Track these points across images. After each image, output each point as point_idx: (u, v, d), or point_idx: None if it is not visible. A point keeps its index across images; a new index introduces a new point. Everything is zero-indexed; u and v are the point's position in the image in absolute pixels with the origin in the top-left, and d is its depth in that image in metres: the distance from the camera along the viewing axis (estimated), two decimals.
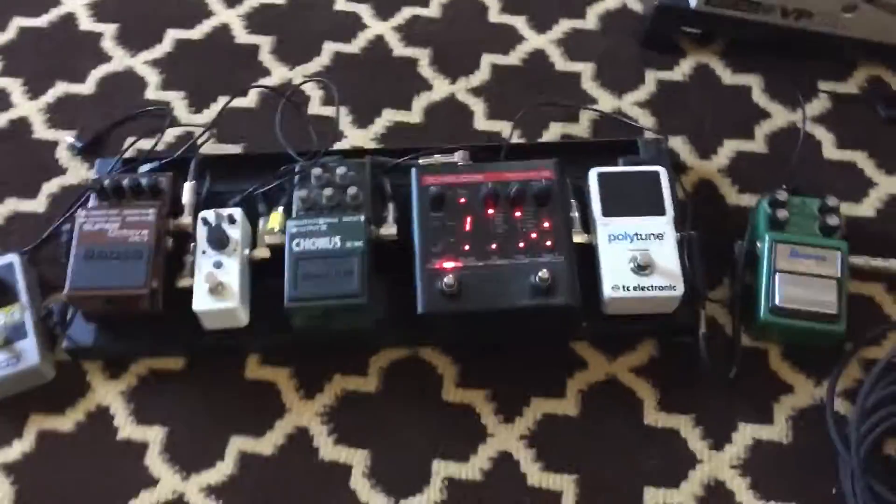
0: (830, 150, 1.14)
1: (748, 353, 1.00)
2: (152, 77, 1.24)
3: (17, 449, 0.98)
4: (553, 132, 1.16)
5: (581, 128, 1.17)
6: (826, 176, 1.12)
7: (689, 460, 0.95)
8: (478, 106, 1.19)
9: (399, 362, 1.02)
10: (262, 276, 1.02)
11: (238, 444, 0.97)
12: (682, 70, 1.21)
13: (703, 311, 0.98)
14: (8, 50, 1.27)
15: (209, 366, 1.02)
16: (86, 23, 1.29)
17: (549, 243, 0.97)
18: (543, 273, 0.94)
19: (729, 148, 1.14)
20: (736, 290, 1.00)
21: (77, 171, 1.16)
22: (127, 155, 1.13)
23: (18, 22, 1.30)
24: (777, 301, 0.96)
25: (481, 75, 1.22)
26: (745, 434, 0.96)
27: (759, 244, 1.00)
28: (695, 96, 1.18)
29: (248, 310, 0.99)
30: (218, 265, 0.98)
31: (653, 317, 0.99)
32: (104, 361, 1.03)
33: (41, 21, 1.30)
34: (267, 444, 0.97)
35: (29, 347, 0.99)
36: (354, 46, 1.25)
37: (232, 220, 1.00)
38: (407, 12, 1.28)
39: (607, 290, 0.96)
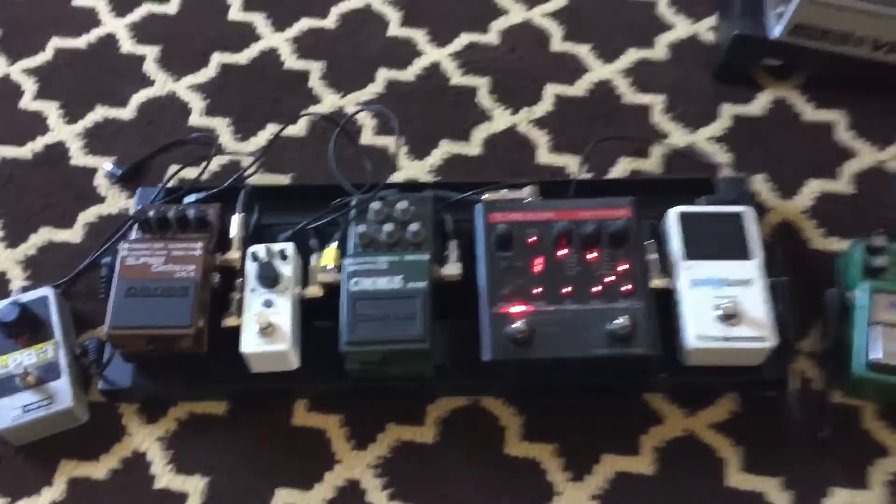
0: None
1: (839, 411, 0.92)
2: (196, 102, 1.18)
3: (47, 497, 0.91)
4: (622, 167, 1.09)
5: (652, 163, 1.10)
6: None
7: None
8: (541, 138, 1.13)
9: (458, 411, 0.94)
10: (313, 315, 0.95)
11: (284, 497, 0.90)
12: (759, 104, 1.14)
13: (793, 365, 0.90)
14: (45, 72, 1.22)
15: (254, 411, 0.95)
16: (127, 45, 1.24)
17: (626, 288, 0.90)
18: (622, 320, 0.86)
19: (812, 188, 1.06)
20: (828, 343, 0.92)
21: (116, 200, 1.10)
22: (170, 184, 1.07)
23: (56, 42, 1.24)
24: (875, 356, 0.88)
25: (544, 106, 1.15)
26: (838, 500, 0.88)
27: (853, 293, 0.92)
28: (774, 132, 1.11)
29: (299, 352, 0.92)
30: (268, 304, 0.91)
31: (736, 369, 0.91)
32: (141, 404, 0.96)
33: (80, 42, 1.24)
34: (315, 498, 0.90)
35: (62, 388, 0.92)
36: (409, 73, 1.19)
37: (283, 257, 0.93)
38: (465, 39, 1.22)
39: (691, 340, 0.88)
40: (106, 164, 1.12)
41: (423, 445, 0.92)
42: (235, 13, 1.26)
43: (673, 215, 0.95)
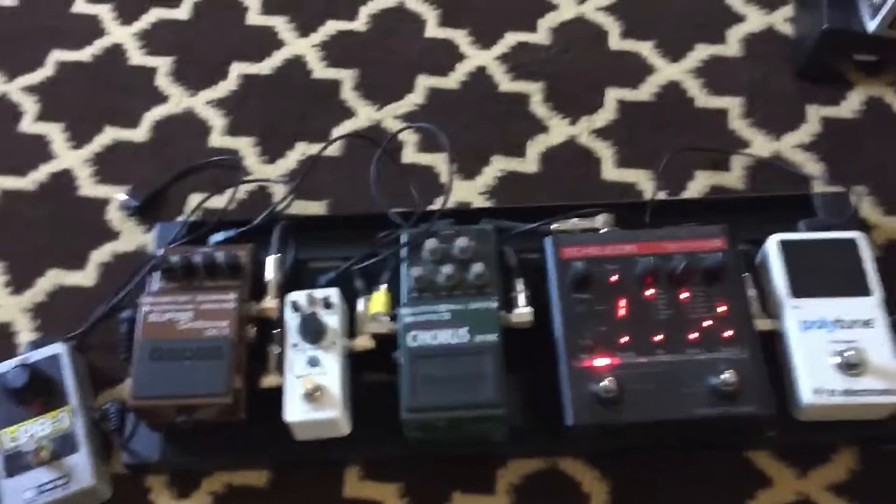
0: None
1: None
2: (216, 120, 1.05)
3: None
4: (700, 183, 0.97)
5: (734, 177, 0.97)
6: None
7: None
8: (605, 151, 1.00)
9: (533, 477, 0.82)
10: (361, 366, 0.83)
11: None
12: (850, 105, 1.01)
13: None
14: (46, 89, 1.09)
15: (300, 480, 0.83)
16: (136, 56, 1.11)
17: (728, 333, 0.78)
18: (728, 375, 0.74)
19: None
20: None
21: (132, 236, 0.98)
22: (192, 218, 0.95)
23: (57, 55, 1.11)
24: None
25: (606, 114, 1.03)
26: None
27: None
28: (869, 136, 0.99)
29: (351, 416, 0.80)
30: (314, 362, 0.79)
31: (856, 422, 0.79)
32: (171, 475, 0.84)
33: (84, 54, 1.12)
34: None
35: (81, 463, 0.80)
36: (452, 80, 1.06)
37: (328, 305, 0.81)
38: (511, 39, 1.09)
39: (807, 395, 0.76)
40: (119, 195, 1.00)
41: None
42: (255, 17, 1.13)
43: (773, 245, 0.83)
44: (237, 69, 1.09)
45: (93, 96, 1.08)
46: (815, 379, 0.76)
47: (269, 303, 0.83)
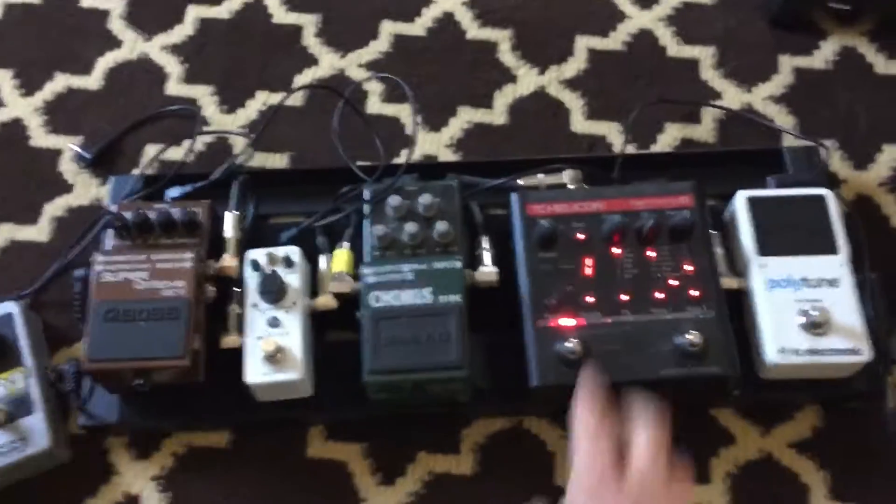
0: None
1: None
2: (173, 67, 1.01)
3: None
4: (669, 136, 0.95)
5: (704, 130, 0.95)
6: None
7: None
8: (574, 102, 0.98)
9: (499, 436, 0.82)
10: (324, 325, 0.82)
11: None
12: (823, 55, 0.99)
13: (891, 379, 0.78)
14: None
15: (262, 441, 0.82)
16: None
17: (694, 293, 0.77)
18: (693, 336, 0.74)
19: (890, 155, 0.93)
20: None
21: (86, 189, 0.94)
22: (149, 171, 0.91)
23: None
24: None
25: (576, 63, 1.00)
26: None
27: None
28: (842, 89, 0.97)
29: (313, 377, 0.79)
30: (274, 323, 0.77)
31: (820, 382, 0.78)
32: (131, 437, 0.83)
33: None
34: None
35: (37, 425, 0.79)
36: (419, 27, 1.03)
37: (289, 263, 0.79)
38: None
39: (771, 354, 0.75)
40: (72, 146, 0.96)
41: (461, 478, 0.80)
42: None
43: (741, 201, 0.81)
44: (194, 12, 1.05)
45: (42, 40, 1.04)
46: (781, 338, 0.75)
47: (229, 261, 0.81)
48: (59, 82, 1.01)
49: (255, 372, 0.76)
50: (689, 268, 0.78)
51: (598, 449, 0.64)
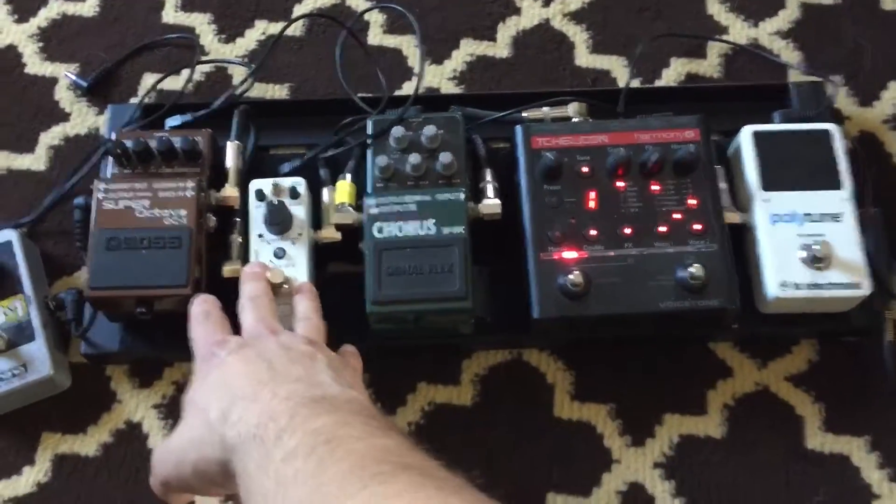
0: None
1: None
2: None
3: (30, 478, 0.79)
4: (675, 70, 0.94)
5: (710, 65, 0.94)
6: None
7: (864, 495, 0.77)
8: (578, 35, 0.96)
9: (499, 368, 0.82)
10: (325, 257, 0.82)
11: None
12: None
13: (888, 314, 0.78)
14: None
15: None
16: None
17: (697, 227, 0.77)
18: (695, 268, 0.74)
19: (895, 92, 0.92)
20: None
21: (84, 117, 0.93)
22: (147, 100, 0.90)
23: None
24: None
25: None
26: None
27: None
28: (848, 24, 0.96)
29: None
30: (280, 254, 0.77)
31: (819, 316, 0.79)
32: (133, 365, 0.83)
33: None
34: None
35: (37, 352, 0.79)
36: None
37: (294, 195, 0.79)
38: None
39: (773, 288, 0.76)
40: (68, 73, 0.95)
41: (461, 408, 0.81)
42: None
43: (746, 136, 0.81)
44: None
45: None
46: (782, 272, 0.76)
47: (230, 191, 0.80)
48: (54, 8, 0.99)
49: None
50: (692, 202, 0.78)
51: (207, 328, 0.66)
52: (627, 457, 0.79)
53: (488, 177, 0.81)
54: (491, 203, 0.79)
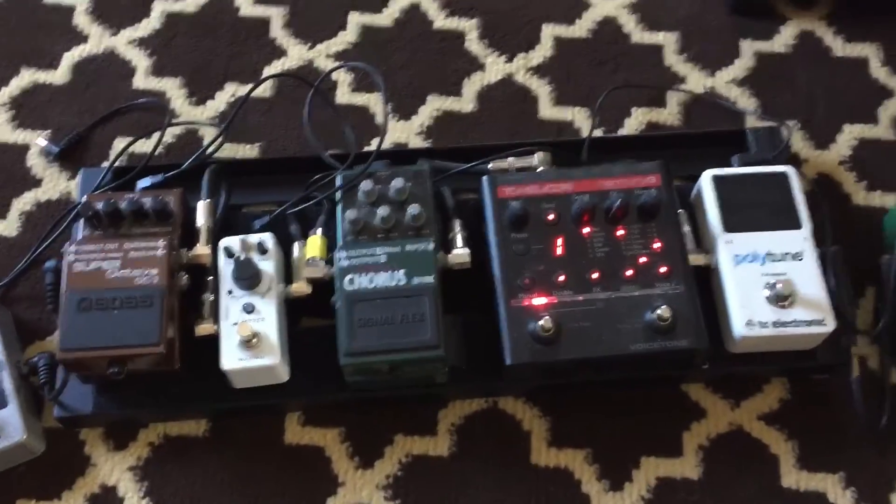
0: None
1: None
2: (140, 60, 1.01)
3: None
4: (636, 120, 0.97)
5: (669, 113, 0.97)
6: None
7: None
8: (541, 89, 0.99)
9: (474, 417, 0.83)
10: (299, 312, 0.82)
11: None
12: (783, 39, 1.01)
13: (853, 348, 0.80)
14: None
15: (239, 428, 0.82)
16: None
17: (663, 269, 0.78)
18: (662, 310, 0.75)
19: (849, 134, 0.95)
20: (885, 317, 0.82)
21: (55, 183, 0.94)
22: (118, 163, 0.91)
23: None
24: None
25: (542, 51, 1.01)
26: None
27: None
28: (801, 72, 0.99)
29: (289, 362, 0.79)
30: (249, 309, 0.77)
31: (786, 354, 0.80)
32: (107, 427, 0.82)
33: None
34: None
35: (10, 418, 0.78)
36: (386, 17, 1.04)
37: (263, 250, 0.80)
38: None
39: (739, 327, 0.77)
40: (40, 140, 0.96)
41: (438, 459, 0.81)
42: None
43: (707, 180, 0.83)
44: (160, 6, 1.05)
45: (7, 36, 1.03)
46: (747, 311, 0.77)
47: (201, 249, 0.81)
48: (25, 78, 1.00)
49: (231, 358, 0.76)
50: (657, 245, 0.79)
51: None
52: (606, 502, 0.79)
53: (457, 227, 0.82)
54: (460, 252, 0.80)
